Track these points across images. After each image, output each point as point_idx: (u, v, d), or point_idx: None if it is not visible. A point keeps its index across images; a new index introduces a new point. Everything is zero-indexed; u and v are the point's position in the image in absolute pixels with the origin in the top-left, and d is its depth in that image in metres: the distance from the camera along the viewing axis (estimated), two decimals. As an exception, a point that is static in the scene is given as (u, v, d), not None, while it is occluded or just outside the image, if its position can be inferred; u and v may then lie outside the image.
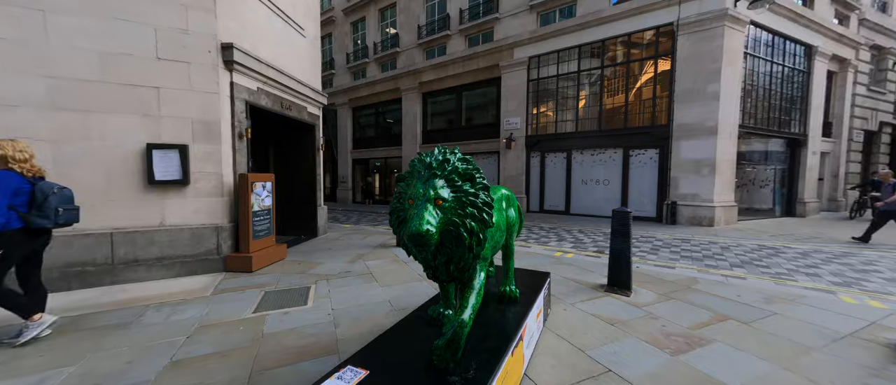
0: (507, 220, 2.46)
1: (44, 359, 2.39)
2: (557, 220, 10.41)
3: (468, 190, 1.54)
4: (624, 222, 3.67)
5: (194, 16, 4.27)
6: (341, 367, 1.61)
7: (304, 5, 6.59)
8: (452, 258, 1.60)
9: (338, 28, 19.70)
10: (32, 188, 2.55)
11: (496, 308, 2.36)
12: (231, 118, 4.64)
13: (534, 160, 12.63)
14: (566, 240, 7.19)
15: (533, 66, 12.34)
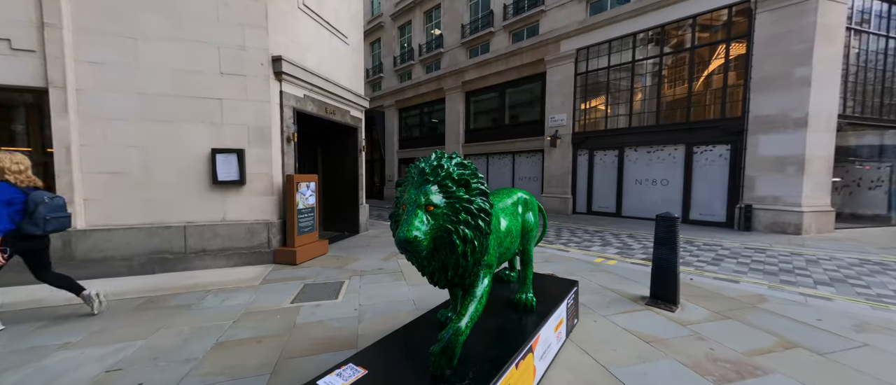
0: (523, 225, 2.36)
1: (123, 332, 2.86)
2: (606, 223, 9.70)
3: (462, 196, 1.50)
4: (670, 229, 3.29)
5: (250, 33, 4.76)
6: (343, 365, 1.69)
7: (348, 14, 6.97)
8: (448, 264, 1.58)
9: (386, 33, 20.52)
10: (26, 198, 2.79)
11: (510, 316, 2.27)
12: (280, 124, 5.09)
13: (581, 158, 11.91)
14: (612, 244, 6.66)
15: (581, 58, 11.63)
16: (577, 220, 10.34)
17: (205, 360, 2.40)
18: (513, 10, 13.69)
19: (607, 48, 10.98)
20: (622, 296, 3.62)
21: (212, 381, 2.16)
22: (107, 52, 4.27)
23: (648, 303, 3.39)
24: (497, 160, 14.78)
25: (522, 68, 13.30)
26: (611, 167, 11.20)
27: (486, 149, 14.94)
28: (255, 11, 4.77)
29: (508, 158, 14.34)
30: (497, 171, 14.78)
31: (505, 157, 14.46)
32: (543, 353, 2.15)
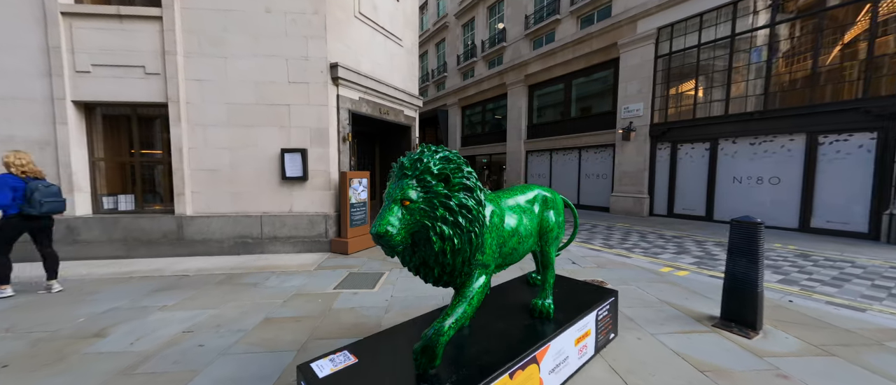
0: (542, 225, 2.16)
1: (203, 301, 3.46)
2: (690, 227, 8.33)
3: (440, 191, 1.43)
4: (748, 237, 2.67)
5: (312, 44, 5.29)
6: (339, 351, 1.77)
7: (403, 17, 7.26)
8: (429, 261, 1.52)
9: (450, 32, 20.82)
10: (25, 186, 3.43)
11: (521, 322, 2.11)
12: (337, 125, 5.57)
13: (661, 153, 10.43)
14: (690, 252, 5.68)
15: (663, 38, 10.15)
16: (652, 223, 9.10)
17: (252, 332, 2.77)
18: (582, -7, 12.61)
19: (698, 23, 9.37)
20: (684, 313, 3.07)
21: (251, 351, 2.47)
22: (206, 70, 5.19)
23: (717, 324, 2.81)
24: (562, 156, 13.85)
25: (591, 56, 12.19)
26: (700, 162, 9.57)
27: (551, 144, 14.11)
28: (316, 24, 5.29)
29: (574, 154, 13.32)
30: (561, 168, 13.86)
31: (570, 152, 13.47)
32: (556, 367, 1.94)
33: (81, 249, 5.14)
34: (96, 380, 2.11)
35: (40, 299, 3.52)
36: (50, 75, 4.97)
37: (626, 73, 10.96)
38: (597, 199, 12.47)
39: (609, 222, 9.51)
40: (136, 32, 5.06)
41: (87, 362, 2.31)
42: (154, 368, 2.24)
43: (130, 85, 5.12)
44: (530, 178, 15.41)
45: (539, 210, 2.16)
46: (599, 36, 11.64)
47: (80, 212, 5.22)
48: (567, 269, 4.55)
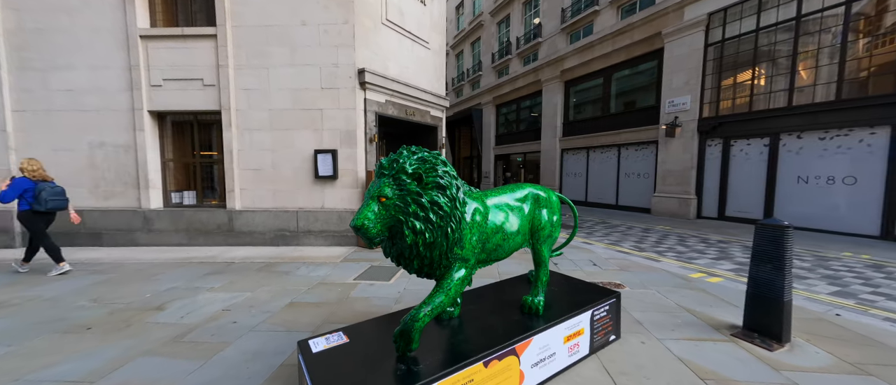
0: (533, 224, 2.21)
1: (242, 285, 3.93)
2: (743, 232, 7.57)
3: (413, 189, 1.57)
4: (774, 241, 2.46)
5: (342, 52, 5.68)
6: (334, 332, 1.98)
7: (430, 20, 7.45)
8: (405, 253, 1.66)
9: (485, 30, 20.72)
10: (35, 186, 4.15)
11: (510, 317, 2.17)
12: (364, 127, 5.91)
13: (711, 150, 9.56)
14: (731, 259, 5.20)
15: (714, 24, 9.29)
16: (698, 226, 8.40)
17: (277, 314, 3.12)
18: (622, -18, 11.92)
19: (756, 5, 8.44)
20: (703, 320, 2.89)
21: (274, 329, 2.80)
22: (252, 80, 5.80)
23: (737, 334, 2.61)
24: (599, 154, 13.22)
25: (632, 47, 11.48)
26: (757, 160, 8.64)
27: (587, 142, 13.53)
28: (345, 33, 5.67)
29: (613, 152, 12.65)
30: (599, 166, 13.23)
31: (609, 150, 12.81)
32: (541, 361, 1.98)
33: (154, 237, 6.03)
34: (152, 344, 2.55)
35: (121, 276, 4.23)
36: (131, 89, 5.88)
37: (671, 65, 10.19)
38: (637, 199, 11.75)
39: (647, 224, 8.94)
40: (196, 49, 5.80)
41: (147, 330, 2.79)
42: (196, 338, 2.64)
43: (192, 95, 5.89)
44: (566, 177, 14.90)
45: (530, 208, 2.20)
46: (642, 26, 10.93)
47: (153, 205, 6.11)
48: (586, 270, 4.43)
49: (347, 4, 5.62)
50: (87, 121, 5.99)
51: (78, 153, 6.03)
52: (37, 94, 6.00)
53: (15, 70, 5.98)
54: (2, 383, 2.05)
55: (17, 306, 3.29)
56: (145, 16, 5.97)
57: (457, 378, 1.61)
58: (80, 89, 5.95)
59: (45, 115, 6.02)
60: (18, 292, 3.68)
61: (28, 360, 2.30)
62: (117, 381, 2.08)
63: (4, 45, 5.95)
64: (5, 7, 5.91)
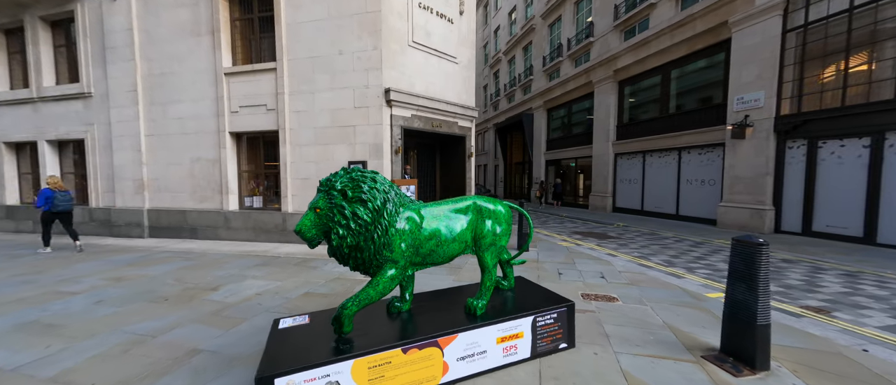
0: (476, 233, 2.44)
1: (279, 274, 4.76)
2: (835, 252, 6.34)
3: (338, 203, 1.97)
4: (748, 259, 2.28)
5: (371, 75, 6.41)
6: (302, 315, 2.48)
7: (458, 36, 7.85)
8: (336, 253, 2.07)
9: (537, 33, 20.37)
10: (53, 194, 6.20)
11: (452, 316, 2.41)
12: (390, 140, 6.55)
13: (792, 152, 8.15)
14: (787, 282, 4.49)
15: (795, 6, 7.96)
16: (777, 244, 7.22)
17: (292, 300, 3.79)
18: (681, -31, 10.84)
19: (848, -21, 7.05)
20: (681, 339, 2.72)
21: (283, 313, 3.45)
22: (301, 103, 6.87)
23: (708, 355, 2.44)
24: (656, 159, 12.06)
25: (694, 40, 10.35)
26: (854, 164, 7.14)
27: (643, 146, 12.46)
28: (374, 58, 6.38)
29: (672, 156, 11.45)
30: (656, 171, 12.07)
31: (667, 154, 11.63)
32: (468, 357, 2.20)
33: (231, 233, 7.46)
34: (200, 315, 3.38)
35: (201, 263, 5.45)
36: (218, 115, 7.42)
37: (740, 56, 8.96)
38: (701, 209, 10.45)
39: (705, 237, 7.98)
40: (262, 81, 7.09)
41: (201, 304, 3.67)
42: (229, 314, 3.41)
43: (259, 118, 7.20)
44: (620, 183, 13.87)
45: (472, 218, 2.44)
46: (704, 15, 9.82)
47: (231, 207, 7.57)
48: (588, 282, 4.32)
49: (376, 33, 6.33)
50: (189, 141, 7.71)
51: (183, 166, 7.79)
52: (159, 123, 7.93)
53: (147, 105, 7.99)
54: (103, 331, 3.00)
55: (130, 280, 4.55)
56: (229, 57, 7.49)
57: (374, 358, 1.96)
58: (186, 117, 7.70)
59: (164, 138, 7.92)
60: (134, 271, 5.04)
61: (123, 318, 3.28)
62: (169, 338, 2.87)
63: (141, 87, 8.00)
64: (142, 59, 7.96)
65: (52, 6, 8.68)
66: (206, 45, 7.40)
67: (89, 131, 8.55)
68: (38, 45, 8.99)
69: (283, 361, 1.85)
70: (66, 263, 5.54)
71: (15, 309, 3.53)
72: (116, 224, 8.33)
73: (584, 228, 9.84)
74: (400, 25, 6.65)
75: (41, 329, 3.05)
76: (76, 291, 4.08)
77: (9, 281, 4.55)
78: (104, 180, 8.50)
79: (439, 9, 7.33)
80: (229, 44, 7.46)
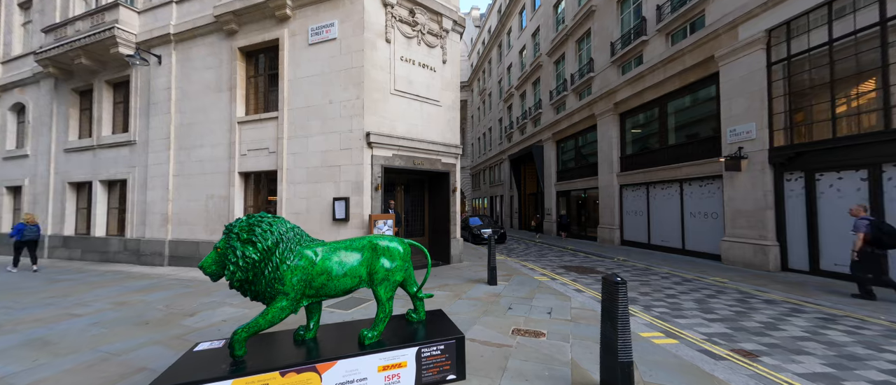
0: (370, 269, 2.79)
1: (249, 305, 5.26)
2: (834, 294, 5.88)
3: (233, 244, 2.43)
4: (611, 296, 2.44)
5: (354, 121, 7.17)
6: (220, 340, 2.89)
7: (442, 81, 8.56)
8: (232, 286, 2.49)
9: (544, 70, 21.07)
10: (24, 227, 8.19)
11: (345, 344, 2.72)
12: (371, 178, 7.13)
13: (791, 185, 7.77)
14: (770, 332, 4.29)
15: (776, 40, 7.95)
16: (775, 282, 6.79)
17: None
18: (669, 8, 11.16)
19: (826, 15, 7.03)
20: (573, 376, 2.80)
21: (238, 337, 3.87)
22: (296, 147, 7.73)
23: (586, 398, 2.53)
24: (660, 191, 11.75)
25: (685, 74, 10.41)
26: (854, 198, 6.71)
27: (646, 177, 12.23)
28: (357, 106, 7.16)
29: (674, 188, 11.14)
30: (661, 203, 11.71)
31: (670, 186, 11.32)
32: (346, 382, 2.48)
33: (234, 263, 8.21)
34: (166, 337, 3.90)
35: (196, 290, 6.10)
36: (230, 158, 8.47)
37: (729, 89, 8.91)
38: (705, 243, 9.96)
39: (702, 273, 7.62)
40: (266, 128, 8.10)
41: (173, 328, 4.21)
42: (190, 337, 3.90)
43: (262, 160, 8.14)
44: (626, 215, 13.50)
45: (366, 256, 2.80)
46: (693, 50, 9.94)
47: (236, 239, 8.38)
48: (534, 317, 4.39)
49: (359, 84, 7.16)
50: (206, 181, 8.78)
51: (199, 203, 8.84)
52: (184, 165, 9.14)
53: (176, 150, 9.29)
54: (84, 349, 3.58)
55: (130, 305, 5.25)
56: (242, 108, 8.65)
57: (252, 380, 2.31)
58: (205, 160, 8.84)
59: (187, 177, 9.09)
60: (137, 296, 5.77)
61: (105, 339, 3.87)
62: (129, 358, 3.39)
63: (173, 135, 9.35)
64: (176, 112, 9.37)
65: (115, 72, 10.55)
66: (226, 99, 8.64)
67: (131, 173, 9.98)
68: (101, 102, 10.84)
69: (172, 380, 2.25)
70: (89, 289, 6.43)
71: (30, 327, 4.26)
72: (144, 253, 9.42)
73: (576, 262, 9.68)
74: (382, 77, 7.45)
75: (40, 345, 3.69)
76: (83, 314, 4.81)
77: (38, 303, 5.41)
78: (138, 214, 9.76)
79: (422, 60, 8.13)
80: (243, 97, 8.66)
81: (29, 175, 12.06)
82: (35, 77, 12.10)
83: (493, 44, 31.81)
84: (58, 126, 11.52)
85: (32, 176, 11.97)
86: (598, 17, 14.88)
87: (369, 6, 7.30)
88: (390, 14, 7.58)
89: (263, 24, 8.24)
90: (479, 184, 37.29)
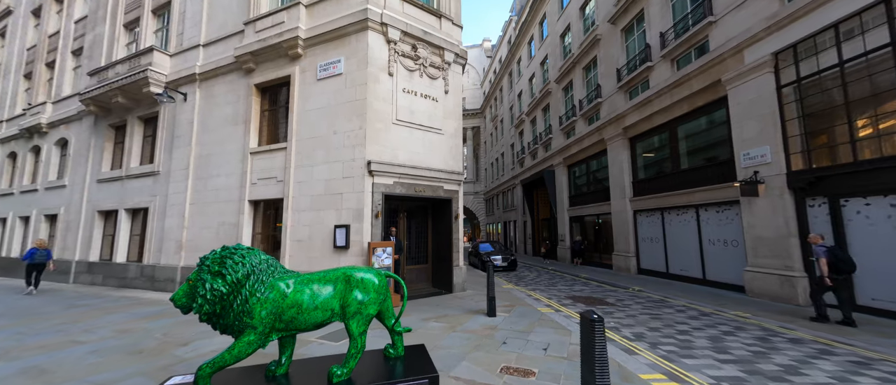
0: (342, 302, 2.76)
1: (246, 332, 5.26)
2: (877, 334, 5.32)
3: (203, 276, 2.47)
4: (588, 333, 2.29)
5: (357, 150, 7.38)
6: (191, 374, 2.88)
7: (444, 110, 8.76)
8: (201, 318, 2.51)
9: (553, 96, 21.29)
10: (36, 251, 9.09)
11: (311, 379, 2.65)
12: (371, 205, 7.22)
13: (814, 212, 7.28)
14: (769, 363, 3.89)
15: (784, 63, 7.77)
16: (803, 318, 6.23)
17: (239, 357, 4.20)
18: (673, 35, 11.20)
19: (833, 38, 6.85)
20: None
21: (223, 368, 3.86)
22: (302, 175, 7.99)
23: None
24: (675, 217, 11.27)
25: (693, 98, 10.25)
26: (886, 226, 6.20)
27: (660, 203, 11.80)
28: (360, 136, 7.40)
29: (690, 214, 10.65)
30: (677, 230, 11.19)
31: (685, 212, 10.85)
32: (312, 424, 2.40)
33: (239, 290, 8.33)
34: (153, 368, 3.93)
35: (194, 319, 6.18)
36: (241, 187, 8.83)
37: (738, 112, 8.67)
38: (727, 273, 9.33)
39: (719, 307, 7.09)
40: (275, 158, 8.45)
41: (163, 358, 4.25)
42: (176, 369, 3.91)
43: (270, 188, 8.43)
44: (642, 242, 12.94)
45: (339, 288, 2.78)
46: (699, 75, 9.83)
47: (243, 266, 8.54)
48: (527, 354, 4.16)
49: (362, 115, 7.43)
50: (219, 208, 9.15)
51: (211, 230, 9.16)
52: (200, 193, 9.59)
53: (194, 180, 9.79)
54: (73, 379, 3.64)
55: (131, 333, 5.37)
56: (256, 139, 9.11)
57: (213, 415, 2.27)
58: (219, 188, 9.25)
59: (202, 206, 9.50)
60: (140, 324, 5.91)
61: (96, 368, 3.95)
62: (116, 385, 3.42)
63: (192, 166, 9.90)
64: (196, 144, 9.96)
65: (146, 108, 11.44)
66: (241, 132, 9.14)
67: (153, 201, 10.54)
68: (132, 136, 11.71)
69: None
70: (101, 314, 6.65)
71: (33, 354, 4.41)
72: (158, 279, 9.74)
73: (587, 292, 9.24)
74: (384, 108, 7.72)
75: (36, 373, 3.80)
76: (86, 341, 4.95)
77: (49, 328, 5.63)
78: (156, 241, 10.19)
79: (424, 91, 8.41)
80: (257, 129, 9.14)
81: (65, 204, 12.95)
82: (78, 114, 13.29)
83: (503, 72, 32.61)
84: (93, 158, 12.46)
85: (67, 204, 12.84)
86: (603, 46, 15.09)
87: (373, 43, 7.72)
88: (393, 50, 7.97)
89: (277, 62, 8.83)
90: (493, 209, 36.99)
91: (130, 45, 12.98)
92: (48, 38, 16.11)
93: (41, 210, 13.76)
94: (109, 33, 13.12)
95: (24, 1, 17.93)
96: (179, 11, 11.26)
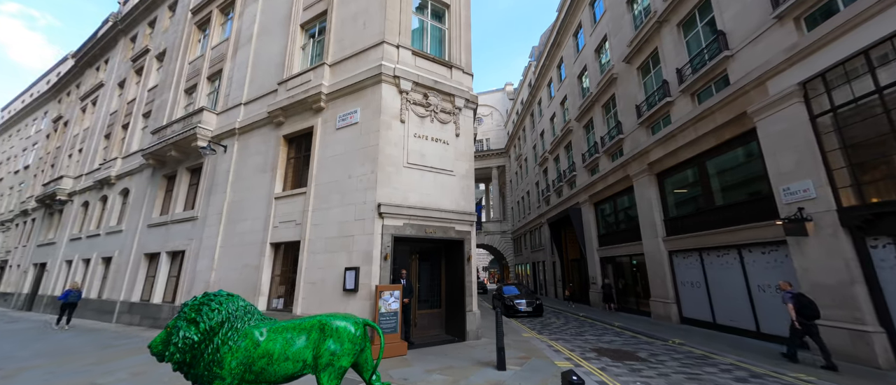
0: (315, 352, 2.71)
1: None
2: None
3: (179, 324, 2.55)
4: None
5: (368, 193, 7.64)
6: None
7: (455, 153, 8.96)
8: (173, 366, 2.54)
9: (574, 134, 21.16)
10: (70, 293, 10.72)
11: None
12: (380, 247, 7.27)
13: (880, 254, 6.32)
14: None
15: (814, 92, 7.28)
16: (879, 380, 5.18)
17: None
18: (690, 70, 11.01)
19: (865, 65, 6.39)
20: None
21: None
22: (319, 218, 8.31)
23: None
24: (716, 258, 10.22)
25: (720, 131, 9.74)
26: (975, 271, 5.17)
27: (698, 242, 10.81)
28: (371, 179, 7.69)
29: (733, 255, 9.62)
30: (719, 274, 10.08)
31: (727, 253, 9.83)
32: None
33: (255, 333, 8.45)
34: None
35: (206, 362, 6.29)
36: (264, 230, 9.33)
37: (771, 144, 8.07)
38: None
39: (777, 370, 6.08)
40: (295, 202, 8.94)
41: None
42: (174, 413, 3.94)
43: (290, 231, 8.82)
44: (681, 287, 11.73)
45: (313, 338, 2.74)
46: (722, 108, 9.42)
47: (261, 307, 8.75)
48: (529, 418, 3.73)
49: (374, 160, 7.79)
50: (244, 251, 9.64)
51: (236, 271, 9.59)
52: (229, 237, 10.22)
53: (225, 223, 10.52)
54: (77, 417, 3.76)
55: (143, 374, 5.54)
56: (281, 185, 9.76)
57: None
58: (246, 232, 9.83)
59: (230, 248, 10.08)
60: (155, 367, 6.09)
61: (103, 408, 4.06)
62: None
63: (225, 211, 10.69)
64: (231, 191, 10.84)
65: (194, 160, 12.78)
66: (268, 178, 9.86)
67: (190, 244, 11.36)
68: (180, 185, 13.00)
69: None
70: (127, 355, 6.98)
71: (54, 392, 4.66)
72: (186, 320, 10.16)
73: (617, 344, 8.34)
74: (395, 152, 8.06)
75: (48, 411, 3.98)
76: (103, 383, 5.16)
77: (77, 369, 5.96)
78: (188, 282, 10.80)
79: (434, 135, 8.72)
80: (282, 176, 9.83)
81: (119, 247, 14.30)
82: (140, 167, 15.09)
83: (525, 113, 33.25)
84: (147, 205, 13.88)
85: (121, 248, 14.17)
86: (621, 84, 15.09)
87: (386, 94, 8.29)
88: (405, 99, 8.49)
89: (303, 115, 9.68)
90: (521, 248, 35.75)
91: (188, 106, 14.91)
92: (127, 104, 18.96)
93: (100, 253, 15.25)
94: (172, 98, 15.22)
95: (113, 75, 21.52)
96: (228, 77, 12.92)
